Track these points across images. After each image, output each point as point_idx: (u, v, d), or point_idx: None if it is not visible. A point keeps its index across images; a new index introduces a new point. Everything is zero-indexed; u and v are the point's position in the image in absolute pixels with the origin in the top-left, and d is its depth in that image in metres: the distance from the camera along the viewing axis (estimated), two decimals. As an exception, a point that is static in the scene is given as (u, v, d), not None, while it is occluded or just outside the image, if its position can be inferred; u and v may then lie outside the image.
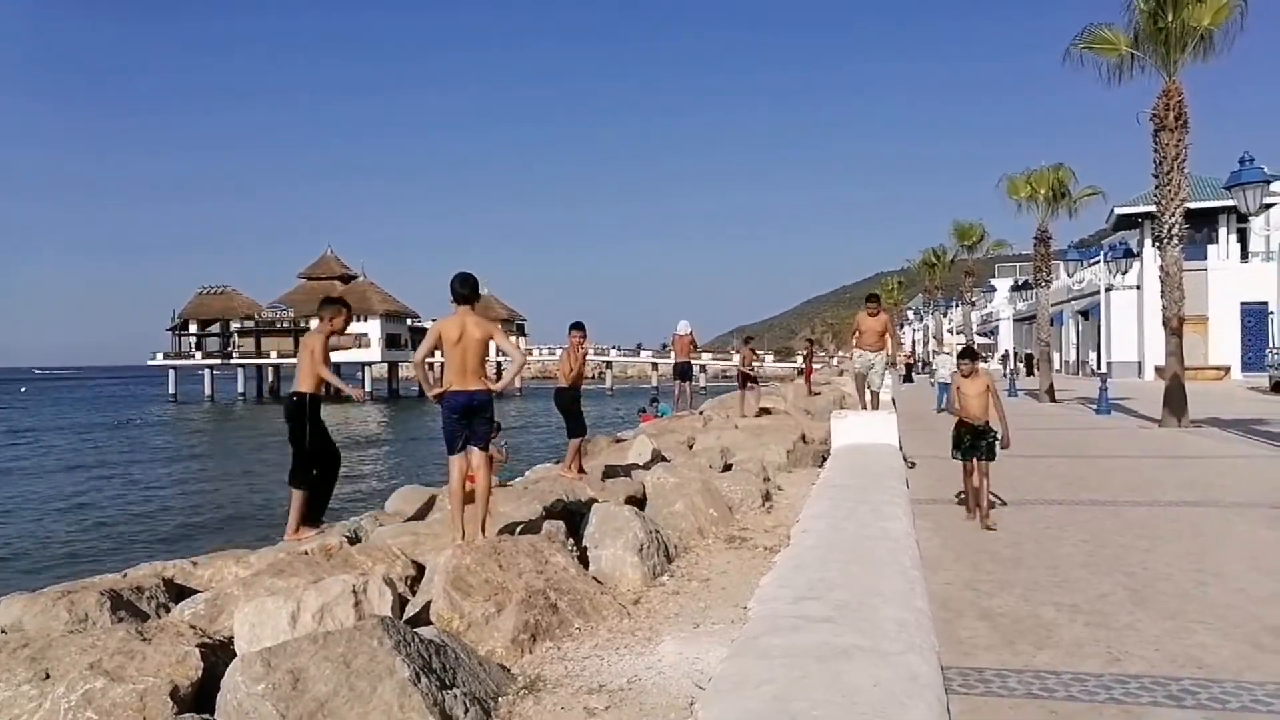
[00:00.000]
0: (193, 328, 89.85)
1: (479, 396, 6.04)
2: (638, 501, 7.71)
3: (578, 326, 9.72)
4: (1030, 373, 38.74)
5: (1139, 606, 5.06)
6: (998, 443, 7.71)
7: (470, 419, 6.05)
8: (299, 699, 3.27)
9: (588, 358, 10.14)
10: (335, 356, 7.88)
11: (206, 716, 3.44)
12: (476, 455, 6.09)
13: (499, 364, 57.11)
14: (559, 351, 13.20)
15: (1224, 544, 6.59)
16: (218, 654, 3.99)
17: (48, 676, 3.73)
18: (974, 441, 7.68)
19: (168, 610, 5.35)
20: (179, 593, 5.80)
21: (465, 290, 6.10)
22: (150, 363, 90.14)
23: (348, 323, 7.50)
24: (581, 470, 9.45)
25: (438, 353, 6.24)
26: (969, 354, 8.23)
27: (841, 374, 33.34)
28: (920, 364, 53.47)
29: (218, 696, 3.47)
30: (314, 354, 7.10)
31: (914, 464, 10.42)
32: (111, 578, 6.01)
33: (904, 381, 37.96)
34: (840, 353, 51.74)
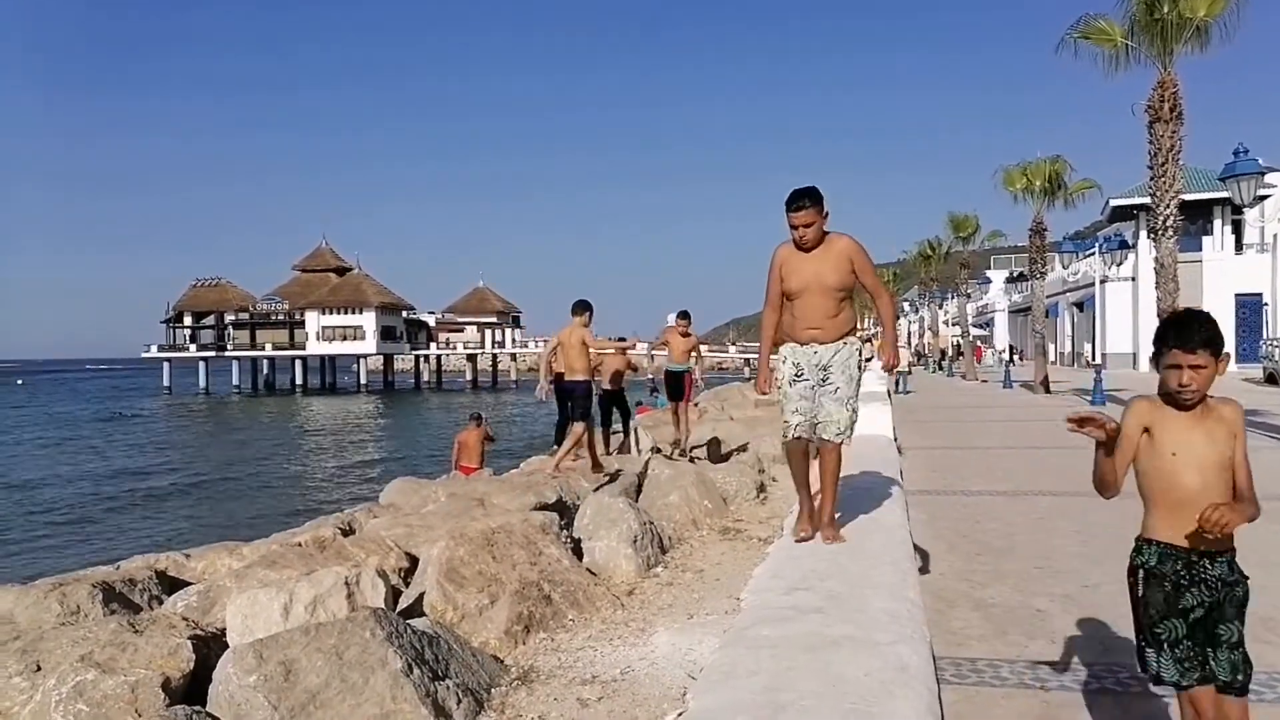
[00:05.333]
0: (187, 320, 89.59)
1: (569, 385, 8.97)
2: (632, 493, 7.72)
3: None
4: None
5: (1131, 597, 5.07)
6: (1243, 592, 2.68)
7: (567, 399, 9.16)
8: (291, 690, 3.27)
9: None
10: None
11: (198, 708, 3.43)
12: (576, 423, 8.81)
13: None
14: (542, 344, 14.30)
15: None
16: (210, 646, 3.98)
17: (39, 668, 3.73)
18: (1209, 600, 2.64)
19: (160, 602, 5.34)
20: (171, 585, 5.79)
21: (574, 307, 8.89)
22: (144, 355, 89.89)
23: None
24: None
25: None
26: (1208, 337, 2.53)
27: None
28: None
29: (210, 688, 3.46)
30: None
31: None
32: (104, 570, 6.00)
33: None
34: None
